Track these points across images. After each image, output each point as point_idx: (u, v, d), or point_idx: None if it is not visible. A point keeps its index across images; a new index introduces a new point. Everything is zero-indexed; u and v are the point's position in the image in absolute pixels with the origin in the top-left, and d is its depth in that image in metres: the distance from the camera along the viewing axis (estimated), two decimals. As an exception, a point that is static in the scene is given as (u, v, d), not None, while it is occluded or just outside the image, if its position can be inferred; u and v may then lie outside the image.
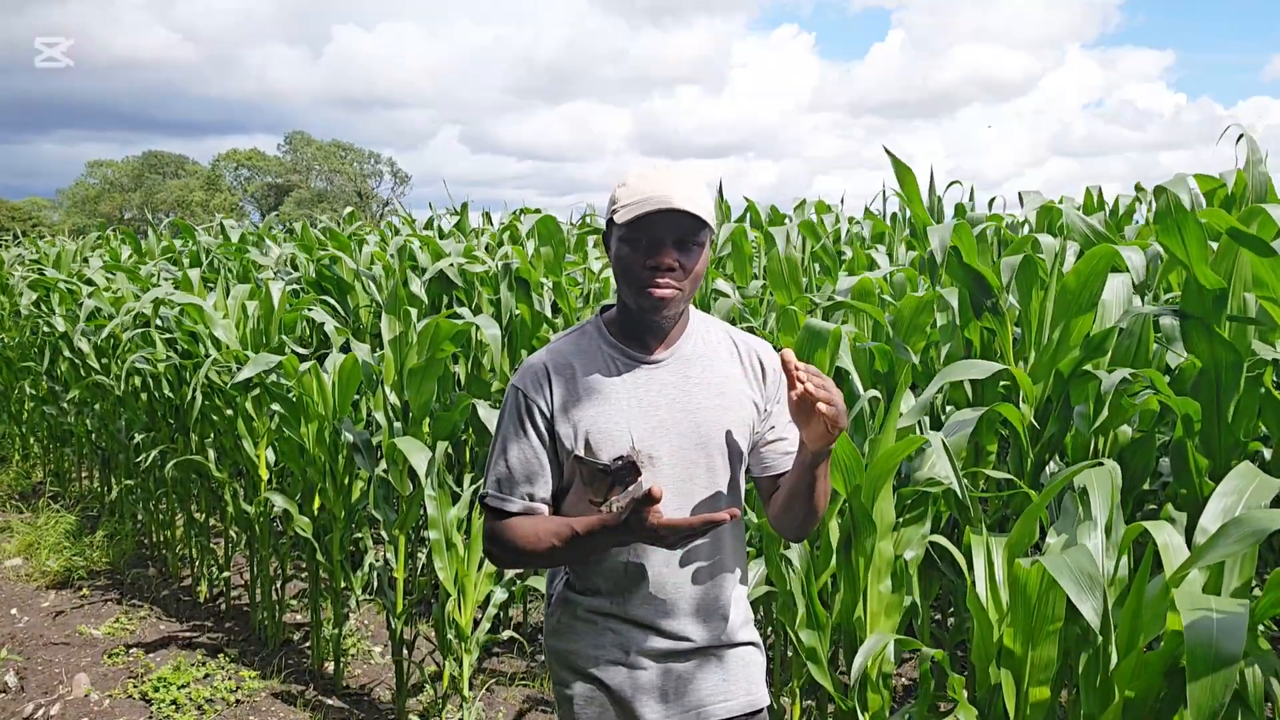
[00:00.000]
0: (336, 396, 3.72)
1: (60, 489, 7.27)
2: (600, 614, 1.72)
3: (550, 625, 1.80)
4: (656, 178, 1.61)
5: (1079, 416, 2.60)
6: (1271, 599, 1.43)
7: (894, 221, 6.31)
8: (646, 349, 1.71)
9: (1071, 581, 1.64)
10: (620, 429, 1.65)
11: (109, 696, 3.94)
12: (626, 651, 1.71)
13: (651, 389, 1.69)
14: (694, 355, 1.73)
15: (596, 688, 1.72)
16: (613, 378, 1.69)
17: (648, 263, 1.60)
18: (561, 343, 1.76)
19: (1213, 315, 2.34)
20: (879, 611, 2.34)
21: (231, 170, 53.89)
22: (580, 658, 1.73)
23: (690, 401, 1.69)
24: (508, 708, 3.78)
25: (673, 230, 1.59)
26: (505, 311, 4.28)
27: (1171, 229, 2.30)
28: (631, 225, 1.59)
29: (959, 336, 3.08)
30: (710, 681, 1.74)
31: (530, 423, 1.69)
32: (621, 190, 1.63)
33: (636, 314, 1.67)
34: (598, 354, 1.71)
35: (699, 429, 1.69)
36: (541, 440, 1.69)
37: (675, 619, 1.70)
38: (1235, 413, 2.38)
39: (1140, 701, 1.59)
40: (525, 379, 1.71)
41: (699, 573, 1.71)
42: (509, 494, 1.70)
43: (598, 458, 1.64)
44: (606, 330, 1.74)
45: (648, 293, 1.61)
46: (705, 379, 1.72)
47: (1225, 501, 1.69)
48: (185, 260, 6.96)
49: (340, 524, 3.83)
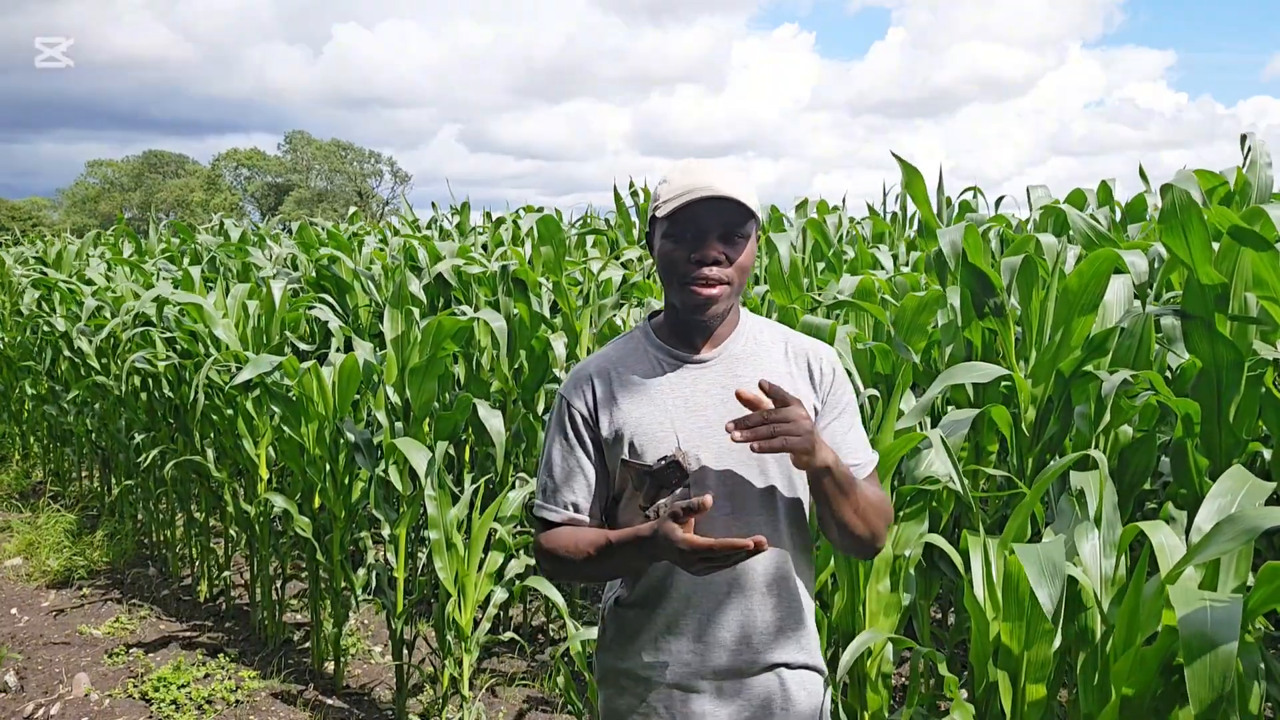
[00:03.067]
0: (337, 396, 3.73)
1: (60, 489, 7.27)
2: (648, 629, 1.65)
3: (601, 639, 1.74)
4: (699, 170, 1.54)
5: (1080, 417, 2.60)
6: (1264, 593, 1.43)
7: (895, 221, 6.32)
8: (693, 348, 1.65)
9: (1035, 566, 1.64)
10: (665, 430, 1.59)
11: (109, 696, 3.95)
12: (674, 668, 1.63)
13: (698, 389, 1.62)
14: (743, 355, 1.65)
15: (645, 704, 1.65)
16: (657, 378, 1.63)
17: (692, 256, 1.53)
18: (609, 348, 1.71)
19: (1214, 315, 2.34)
20: (877, 611, 2.34)
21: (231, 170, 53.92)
22: (628, 674, 1.67)
23: (737, 403, 1.59)
24: (508, 708, 3.78)
25: (717, 221, 1.53)
26: (503, 312, 4.28)
27: (1175, 228, 2.30)
28: (674, 218, 1.53)
29: (960, 337, 3.08)
30: (762, 701, 1.64)
31: (573, 430, 1.65)
32: (663, 186, 1.57)
33: (683, 312, 1.61)
34: (643, 356, 1.66)
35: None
36: (584, 448, 1.64)
37: (727, 635, 1.62)
38: (1236, 413, 2.38)
39: (1137, 699, 1.59)
40: (569, 385, 1.67)
41: (755, 584, 1.62)
42: (552, 503, 1.66)
43: (643, 460, 1.59)
44: (654, 333, 1.69)
45: (692, 289, 1.54)
46: (753, 378, 1.60)
47: (1219, 503, 1.69)
48: (185, 260, 6.96)
49: (340, 524, 3.83)
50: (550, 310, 4.57)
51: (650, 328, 1.71)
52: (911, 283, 3.60)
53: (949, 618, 4.07)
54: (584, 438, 1.65)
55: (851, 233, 6.03)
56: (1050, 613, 1.61)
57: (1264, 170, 3.53)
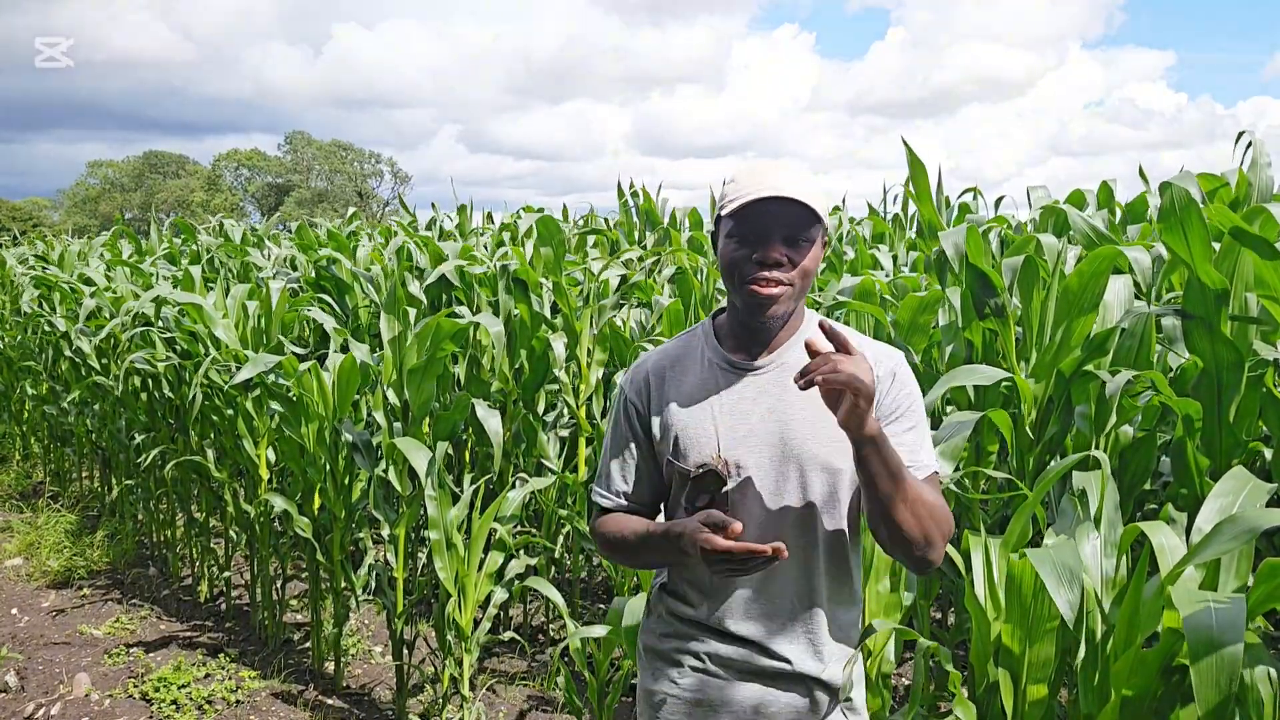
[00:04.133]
0: (336, 396, 3.73)
1: (60, 489, 7.27)
2: (686, 620, 1.69)
3: (645, 618, 1.80)
4: (766, 170, 1.52)
5: (1080, 417, 2.60)
6: (1264, 591, 1.43)
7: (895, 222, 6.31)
8: (749, 353, 1.63)
9: (1051, 574, 1.65)
10: (707, 434, 1.59)
11: (109, 696, 3.95)
12: (708, 660, 1.66)
13: (746, 395, 1.61)
14: (797, 362, 1.60)
15: (678, 687, 1.69)
16: (708, 383, 1.63)
17: (754, 257, 1.51)
18: (670, 345, 1.73)
19: (1215, 315, 2.34)
20: (877, 611, 2.34)
21: (232, 170, 53.93)
22: (663, 656, 1.72)
23: (786, 412, 1.59)
24: (508, 708, 3.78)
25: (781, 222, 1.50)
26: (503, 312, 4.28)
27: (1175, 227, 2.30)
28: (738, 217, 1.51)
29: (960, 337, 3.08)
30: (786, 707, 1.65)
31: (628, 422, 1.69)
32: (730, 185, 1.55)
33: (743, 314, 1.58)
34: (699, 358, 1.66)
35: (789, 441, 1.58)
36: (636, 440, 1.68)
37: (756, 634, 1.63)
38: (1236, 413, 2.38)
39: (1138, 700, 1.59)
40: (629, 379, 1.72)
41: (784, 592, 1.62)
42: (605, 490, 1.72)
43: (686, 462, 1.61)
44: (714, 334, 1.68)
45: (752, 290, 1.51)
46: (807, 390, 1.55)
47: (1220, 503, 1.69)
48: (185, 260, 6.96)
49: (340, 524, 3.83)
50: (550, 310, 4.57)
51: (712, 327, 1.71)
52: (912, 285, 3.60)
53: (949, 618, 4.07)
54: (636, 430, 1.69)
55: (852, 233, 6.04)
56: (1071, 619, 1.61)
57: (1264, 170, 3.53)
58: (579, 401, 4.19)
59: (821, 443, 1.58)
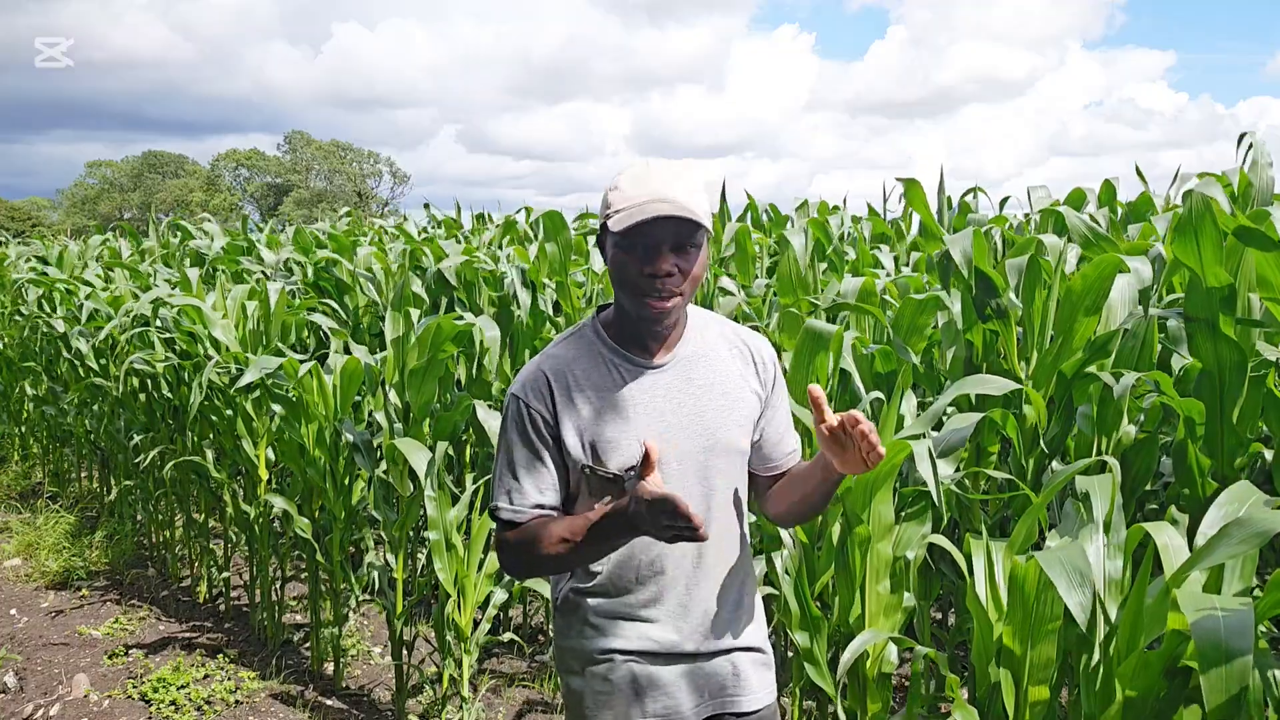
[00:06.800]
0: (338, 397, 3.72)
1: (59, 489, 7.26)
2: (609, 614, 1.69)
3: (559, 629, 1.77)
4: (650, 180, 1.55)
5: (1082, 418, 2.60)
6: (1272, 599, 1.43)
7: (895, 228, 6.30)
8: (647, 353, 1.67)
9: (1062, 576, 1.65)
10: (628, 437, 1.61)
11: (108, 697, 3.94)
12: (636, 648, 1.68)
13: (656, 394, 1.65)
14: (695, 356, 1.69)
15: (607, 683, 1.69)
16: (616, 385, 1.64)
17: (645, 270, 1.55)
18: (559, 348, 1.70)
19: (1218, 317, 2.34)
20: (878, 612, 2.34)
21: (231, 170, 53.93)
22: (589, 657, 1.71)
23: (696, 404, 1.66)
24: (508, 708, 3.78)
25: (669, 235, 1.54)
26: (520, 309, 4.27)
27: (1189, 234, 2.28)
28: (627, 232, 1.54)
29: (961, 338, 3.08)
30: (719, 679, 1.72)
31: (535, 431, 1.64)
32: (614, 194, 1.57)
33: (638, 322, 1.63)
34: (598, 359, 1.66)
35: (707, 432, 1.66)
36: (547, 448, 1.65)
37: (688, 618, 1.69)
38: (1239, 414, 2.37)
39: (1141, 701, 1.59)
40: (525, 388, 1.66)
41: (711, 572, 1.70)
42: (520, 505, 1.66)
43: (606, 466, 1.62)
44: (605, 333, 1.69)
45: (647, 302, 1.57)
46: (708, 379, 1.68)
47: (1224, 511, 1.68)
48: (185, 261, 6.95)
49: (340, 524, 3.82)
50: (553, 309, 4.56)
51: (600, 326, 1.70)
52: (914, 285, 3.60)
53: (949, 618, 4.06)
54: (545, 438, 1.65)
55: (853, 233, 6.03)
56: (1084, 621, 1.61)
57: (1265, 171, 3.53)
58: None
59: (731, 429, 1.69)
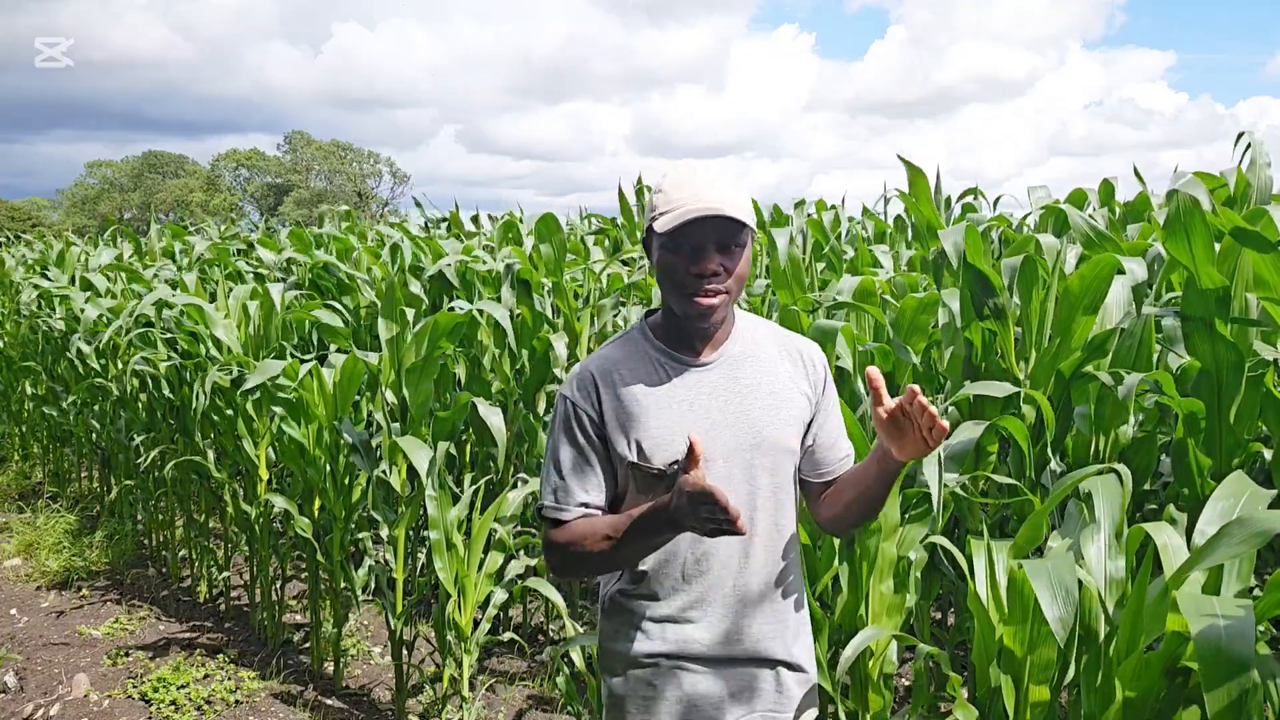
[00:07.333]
0: (338, 397, 3.72)
1: (59, 489, 7.26)
2: (654, 618, 1.70)
3: (604, 629, 1.78)
4: (694, 183, 1.59)
5: (1080, 417, 2.60)
6: (1272, 600, 1.43)
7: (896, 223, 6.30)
8: (694, 352, 1.69)
9: (1046, 588, 1.65)
10: (673, 434, 1.63)
11: (108, 697, 3.94)
12: (678, 652, 1.68)
13: (702, 392, 1.67)
14: (741, 356, 1.71)
15: (649, 686, 1.70)
16: (662, 383, 1.67)
17: (691, 270, 1.58)
18: (608, 349, 1.74)
19: (1215, 316, 2.34)
20: (881, 612, 2.34)
21: (231, 170, 53.87)
22: (633, 660, 1.71)
23: (742, 403, 1.67)
24: (508, 708, 3.78)
25: (714, 235, 1.57)
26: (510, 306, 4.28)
27: (1179, 234, 2.29)
28: (672, 233, 1.58)
29: (960, 338, 3.08)
30: (759, 688, 1.71)
31: (581, 431, 1.67)
32: (659, 197, 1.62)
33: (683, 319, 1.65)
34: (645, 359, 1.69)
35: (753, 430, 1.67)
36: (594, 448, 1.67)
37: (728, 622, 1.68)
38: (1237, 413, 2.38)
39: (1141, 701, 1.59)
40: (573, 388, 1.69)
41: (755, 576, 1.69)
42: (566, 503, 1.67)
43: (651, 464, 1.63)
44: (652, 335, 1.72)
45: (694, 300, 1.60)
46: (755, 379, 1.70)
47: (1221, 506, 1.69)
48: (185, 261, 6.95)
49: (340, 524, 3.83)
50: (551, 311, 4.56)
51: (648, 328, 1.74)
52: (911, 284, 3.60)
53: (949, 618, 4.06)
54: (592, 438, 1.67)
55: (851, 232, 6.03)
56: (1062, 637, 1.60)
57: (1263, 170, 3.52)
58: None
59: (778, 428, 1.69)
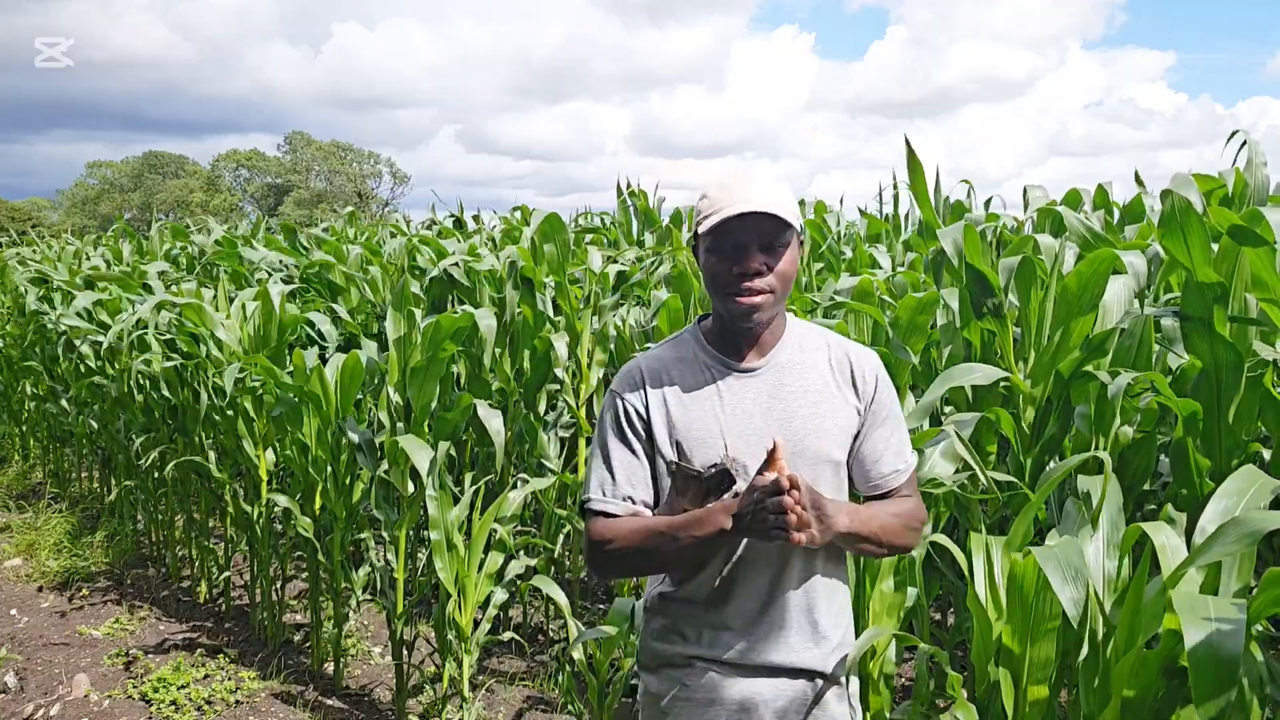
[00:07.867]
0: (339, 396, 3.73)
1: (60, 489, 7.27)
2: (693, 622, 1.71)
3: (645, 629, 1.80)
4: (736, 185, 1.60)
5: (1079, 417, 2.60)
6: (1267, 598, 1.43)
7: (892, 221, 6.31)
8: (741, 356, 1.70)
9: (1056, 571, 1.65)
10: (712, 436, 1.65)
11: (109, 697, 3.94)
12: (717, 657, 1.69)
13: (745, 397, 1.67)
14: (789, 363, 1.71)
15: (685, 689, 1.71)
16: (706, 385, 1.68)
17: (734, 269, 1.59)
18: (660, 349, 1.77)
19: (1213, 316, 2.34)
20: (881, 611, 2.34)
21: (231, 170, 53.87)
22: (671, 661, 1.73)
23: (785, 410, 1.67)
24: (508, 708, 3.79)
25: (757, 233, 1.59)
26: (508, 309, 4.28)
27: (1175, 232, 2.30)
28: (715, 233, 1.60)
29: (959, 337, 3.08)
30: (798, 702, 1.71)
31: (629, 427, 1.69)
32: (704, 202, 1.63)
33: (729, 321, 1.67)
34: (693, 361, 1.71)
35: (794, 438, 1.65)
36: (640, 442, 1.69)
37: (763, 629, 1.69)
38: (1236, 413, 2.38)
39: (1139, 700, 1.59)
40: (622, 384, 1.72)
41: (790, 586, 1.69)
42: (609, 495, 1.69)
43: (691, 464, 1.65)
44: (703, 338, 1.74)
45: (736, 300, 1.61)
46: (800, 387, 1.69)
47: (1225, 503, 1.69)
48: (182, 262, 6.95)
49: (341, 524, 3.83)
50: (552, 309, 4.57)
51: (700, 332, 1.76)
52: (911, 282, 3.60)
53: (949, 618, 4.07)
54: (640, 434, 1.69)
55: (849, 232, 6.03)
56: (1076, 617, 1.61)
57: (1260, 170, 3.52)
58: (579, 401, 4.19)
59: (821, 438, 1.67)
